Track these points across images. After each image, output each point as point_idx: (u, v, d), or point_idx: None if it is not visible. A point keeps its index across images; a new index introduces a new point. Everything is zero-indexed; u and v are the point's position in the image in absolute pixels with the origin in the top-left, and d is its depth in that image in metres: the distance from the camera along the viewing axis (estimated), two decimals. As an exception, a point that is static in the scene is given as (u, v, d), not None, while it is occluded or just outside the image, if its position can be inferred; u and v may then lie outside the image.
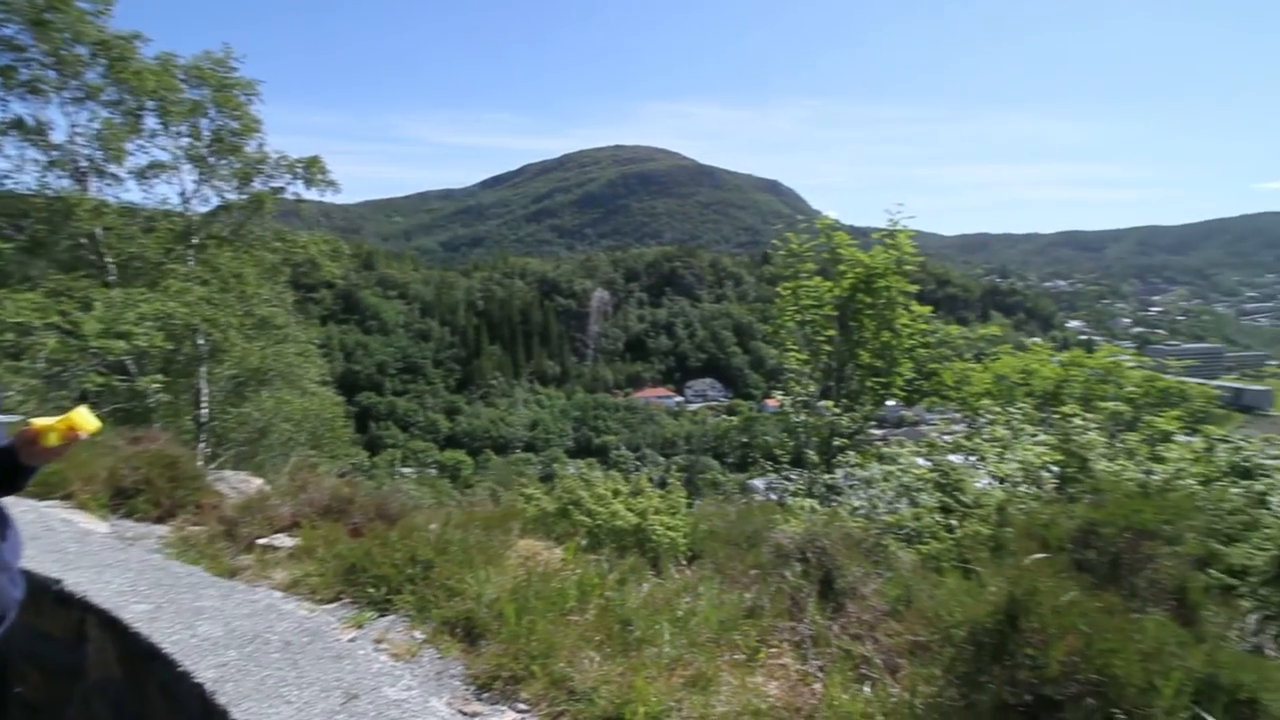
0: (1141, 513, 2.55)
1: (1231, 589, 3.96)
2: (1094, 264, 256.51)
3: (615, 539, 4.70)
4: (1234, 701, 2.47)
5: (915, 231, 9.40)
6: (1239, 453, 7.32)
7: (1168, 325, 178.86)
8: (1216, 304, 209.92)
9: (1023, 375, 12.64)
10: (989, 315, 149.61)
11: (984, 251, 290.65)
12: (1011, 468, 6.75)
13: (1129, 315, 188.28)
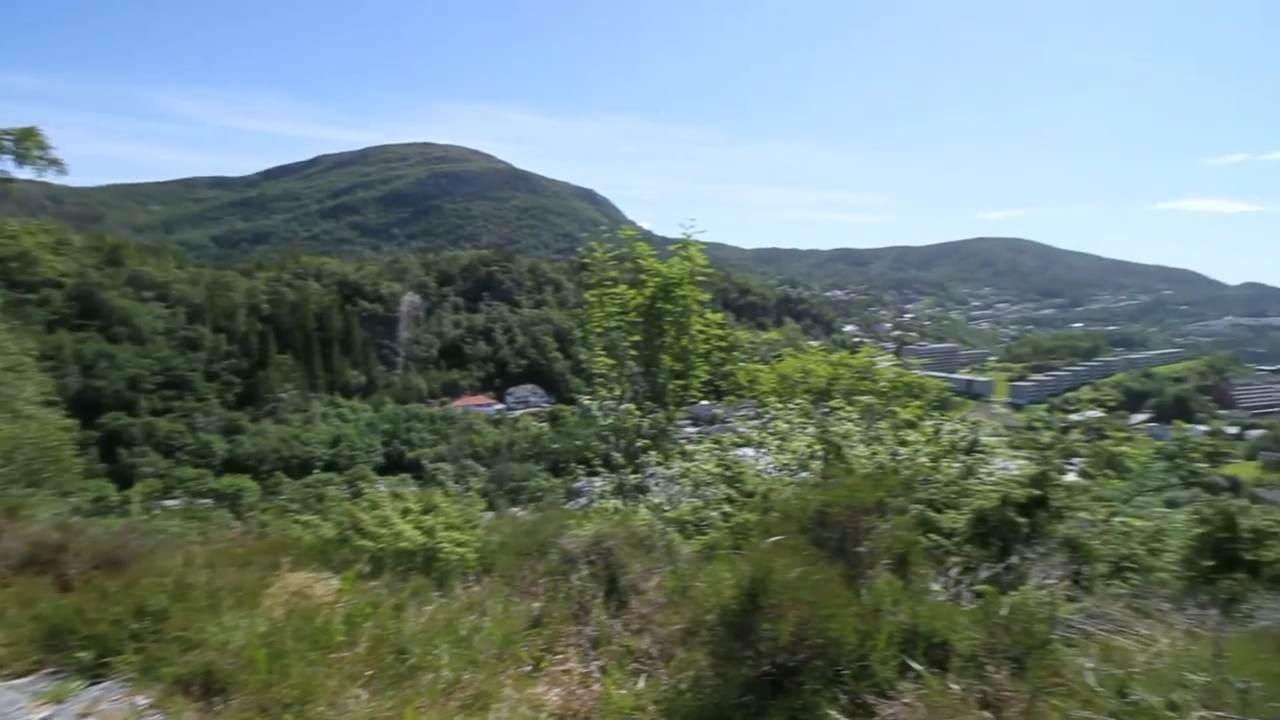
0: (860, 492, 2.95)
1: (945, 549, 4.75)
2: (862, 277, 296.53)
3: (401, 561, 4.44)
4: (931, 645, 2.95)
5: (719, 244, 10.19)
6: (956, 434, 8.82)
7: (918, 329, 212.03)
8: (953, 311, 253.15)
9: (802, 374, 14.18)
10: (783, 321, 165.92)
11: (777, 264, 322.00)
12: (788, 458, 7.52)
13: (889, 321, 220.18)
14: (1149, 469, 11.54)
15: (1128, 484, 12.41)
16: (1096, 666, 2.67)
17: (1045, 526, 4.24)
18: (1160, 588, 4.65)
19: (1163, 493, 21.36)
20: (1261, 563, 4.38)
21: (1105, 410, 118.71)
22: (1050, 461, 4.76)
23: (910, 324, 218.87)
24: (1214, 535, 4.43)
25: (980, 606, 3.18)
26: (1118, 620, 3.50)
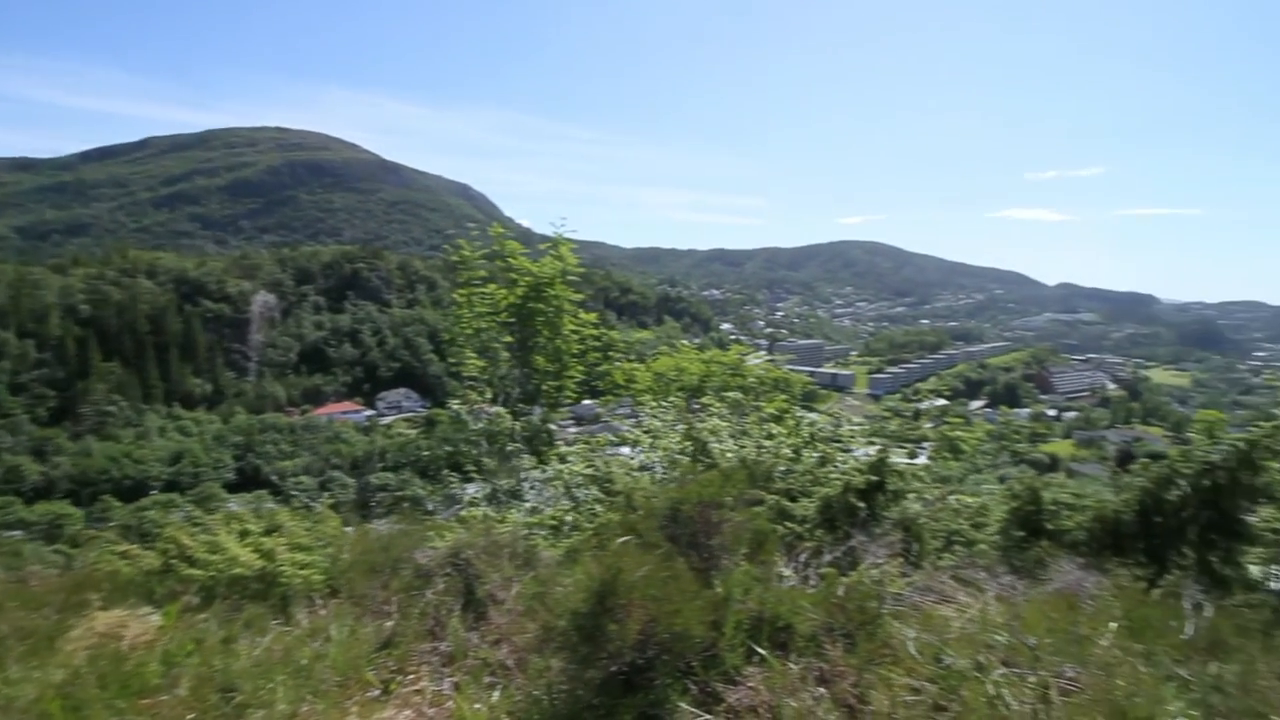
0: (710, 487, 3.05)
1: (799, 535, 5.03)
2: (737, 276, 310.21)
3: (235, 590, 4.04)
4: (776, 629, 3.10)
5: (600, 243, 10.21)
6: (815, 425, 9.38)
7: (789, 326, 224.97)
8: (819, 309, 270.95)
9: (676, 372, 14.56)
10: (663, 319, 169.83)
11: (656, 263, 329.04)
12: (659, 455, 7.67)
13: (763, 319, 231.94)
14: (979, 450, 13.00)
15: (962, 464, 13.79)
16: (917, 636, 2.93)
17: (883, 509, 4.61)
18: (981, 559, 5.20)
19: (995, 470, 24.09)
20: (1060, 530, 5.03)
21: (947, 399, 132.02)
22: (887, 449, 5.19)
23: (781, 321, 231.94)
24: (1023, 508, 5.03)
25: (821, 588, 3.40)
26: (942, 591, 3.88)
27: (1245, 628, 3.16)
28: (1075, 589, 3.78)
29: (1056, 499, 4.85)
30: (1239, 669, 2.78)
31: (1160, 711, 2.41)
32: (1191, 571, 4.68)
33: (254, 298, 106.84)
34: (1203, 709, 2.53)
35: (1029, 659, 2.67)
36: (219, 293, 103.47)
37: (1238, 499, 4.32)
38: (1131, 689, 2.53)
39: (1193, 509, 4.53)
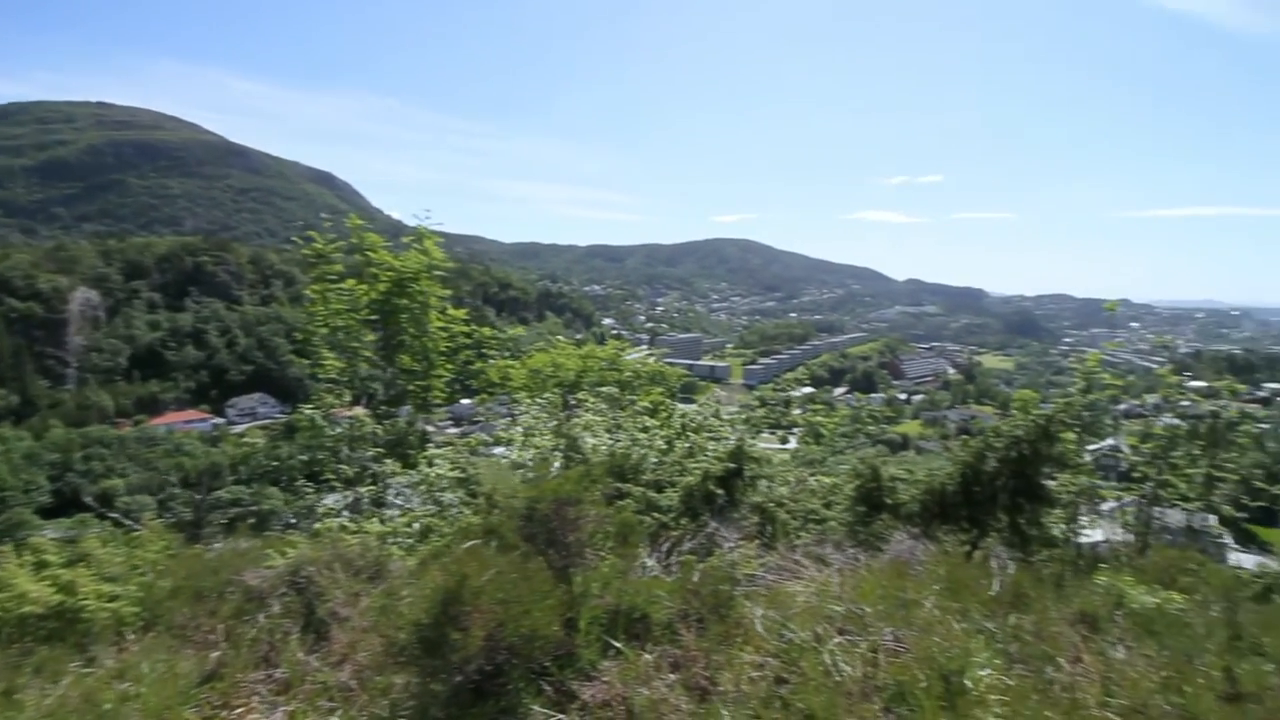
0: (565, 485, 3.02)
1: (665, 525, 5.12)
2: (618, 272, 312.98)
3: (26, 631, 3.49)
4: (632, 621, 3.12)
5: (478, 237, 9.78)
6: (686, 416, 9.62)
7: (668, 320, 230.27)
8: (697, 304, 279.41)
9: (553, 368, 14.40)
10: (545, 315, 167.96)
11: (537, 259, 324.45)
12: (531, 454, 7.53)
13: (643, 313, 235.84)
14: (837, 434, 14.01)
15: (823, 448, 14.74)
16: (765, 614, 3.07)
17: (741, 494, 4.81)
18: (831, 535, 5.57)
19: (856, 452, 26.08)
20: (898, 504, 5.48)
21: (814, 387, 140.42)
22: (744, 437, 5.42)
23: (661, 316, 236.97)
24: (865, 486, 5.43)
25: (679, 576, 3.48)
26: (793, 569, 4.10)
27: (1042, 581, 3.60)
28: (907, 557, 4.13)
29: (893, 474, 5.28)
30: (1035, 618, 3.17)
31: (969, 663, 2.67)
32: (1005, 533, 5.28)
33: (72, 295, 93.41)
34: (1004, 657, 2.84)
35: (860, 626, 2.87)
36: (27, 289, 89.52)
37: (1039, 467, 4.93)
38: (946, 645, 2.80)
39: (1004, 478, 5.10)
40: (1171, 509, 6.66)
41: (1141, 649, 3.05)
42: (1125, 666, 2.84)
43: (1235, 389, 6.54)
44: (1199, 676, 2.65)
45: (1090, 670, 2.81)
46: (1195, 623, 3.37)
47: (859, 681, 2.55)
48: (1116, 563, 5.32)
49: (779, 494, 7.52)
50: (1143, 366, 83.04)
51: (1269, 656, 2.87)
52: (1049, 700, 2.41)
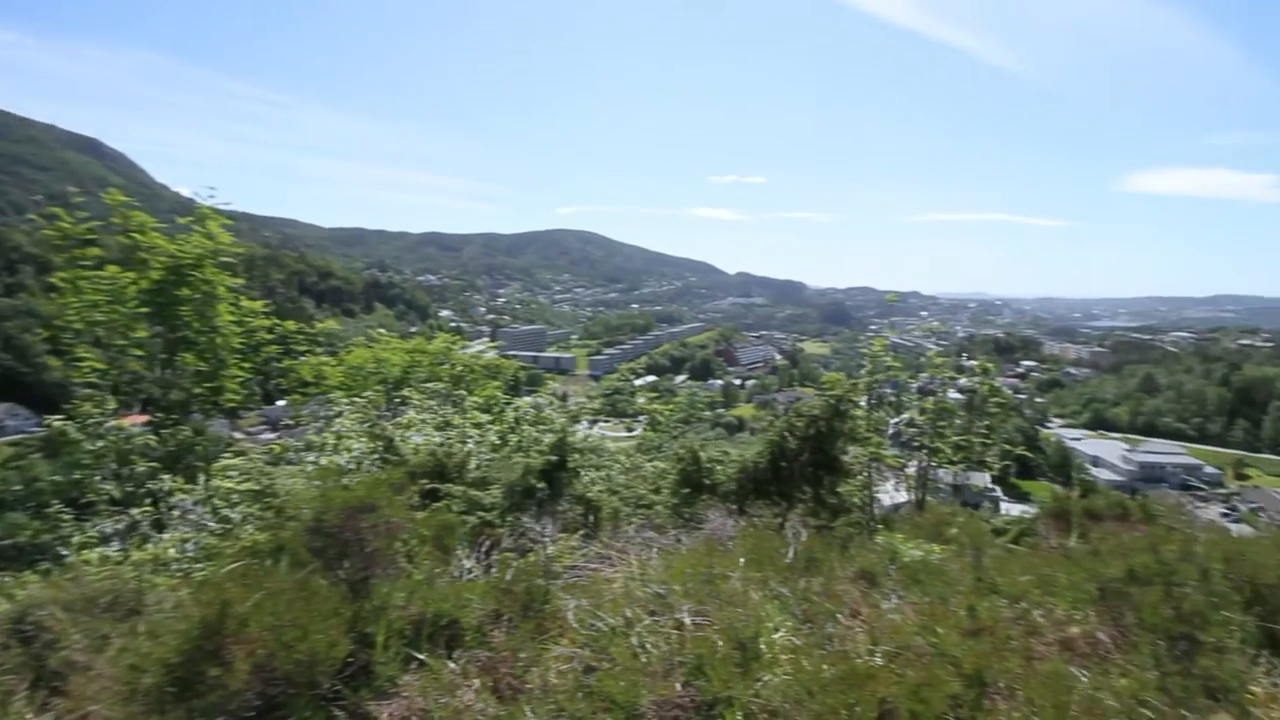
0: (358, 491, 2.78)
1: (490, 523, 4.95)
2: (455, 262, 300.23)
3: None
4: (440, 628, 2.96)
5: (292, 220, 8.70)
6: (519, 410, 9.42)
7: (510, 312, 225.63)
8: (540, 295, 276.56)
9: (376, 364, 13.45)
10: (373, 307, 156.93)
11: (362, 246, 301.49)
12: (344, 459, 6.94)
13: (484, 305, 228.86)
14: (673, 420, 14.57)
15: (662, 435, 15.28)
16: (578, 604, 3.06)
17: (566, 486, 4.78)
18: (657, 518, 5.74)
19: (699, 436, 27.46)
20: (716, 484, 5.77)
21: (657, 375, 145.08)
22: (566, 429, 5.41)
23: (503, 308, 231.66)
24: (686, 469, 5.65)
25: (493, 576, 3.37)
26: (615, 556, 4.15)
27: (831, 545, 3.97)
28: (720, 534, 4.36)
29: (711, 457, 5.56)
30: (823, 579, 3.47)
31: (763, 628, 2.86)
32: (809, 504, 5.77)
33: None
34: (795, 618, 3.08)
35: (665, 606, 2.96)
36: None
37: (834, 442, 5.44)
38: (745, 614, 2.97)
39: (806, 453, 5.58)
40: (946, 471, 7.71)
41: (908, 597, 3.47)
42: (894, 614, 3.21)
43: (986, 367, 7.69)
44: (949, 616, 3.06)
45: (866, 621, 3.13)
46: (951, 570, 3.90)
47: (663, 660, 2.62)
48: (898, 522, 6.06)
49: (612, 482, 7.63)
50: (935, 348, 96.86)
51: (1003, 593, 3.38)
52: (828, 653, 2.64)
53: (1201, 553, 3.36)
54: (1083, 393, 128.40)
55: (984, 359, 8.42)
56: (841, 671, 2.40)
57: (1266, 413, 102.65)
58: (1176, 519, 5.66)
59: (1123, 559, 3.17)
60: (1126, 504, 6.87)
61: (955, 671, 2.55)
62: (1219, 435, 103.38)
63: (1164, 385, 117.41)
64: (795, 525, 3.96)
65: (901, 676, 2.40)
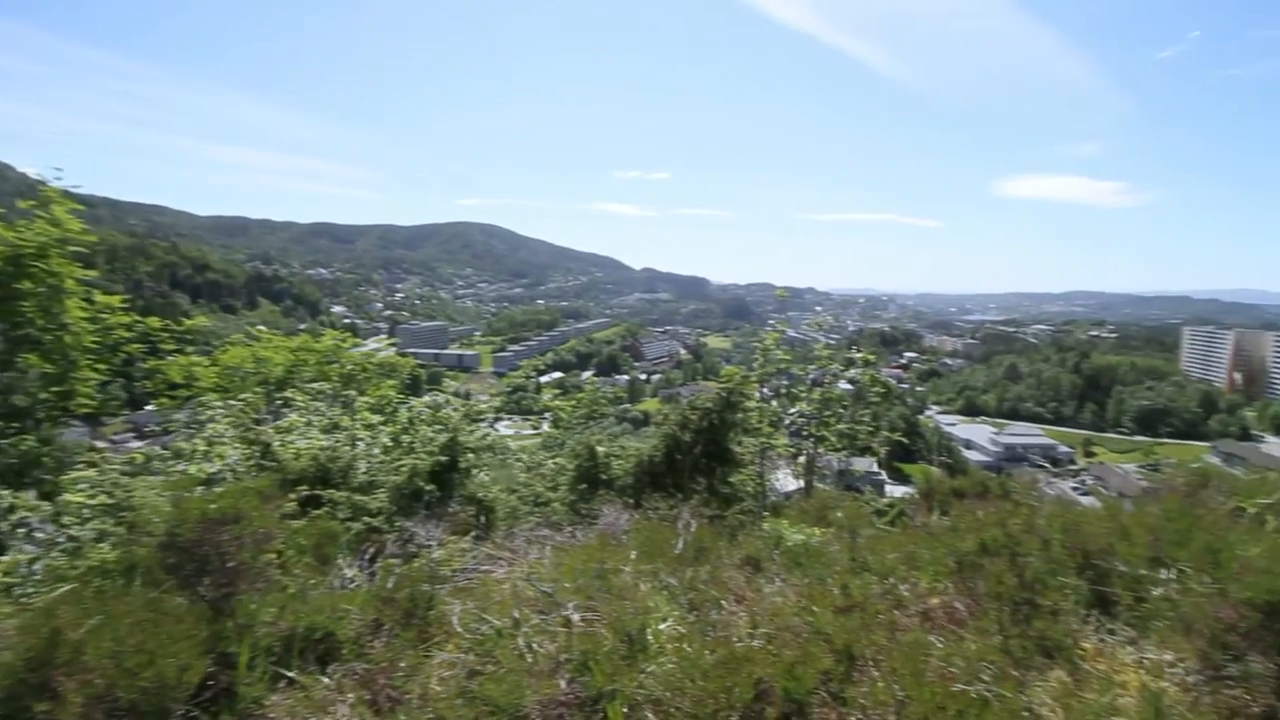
0: (217, 501, 2.58)
1: (377, 529, 4.73)
2: (348, 255, 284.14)
3: None
4: (314, 643, 2.81)
5: (162, 208, 7.79)
6: (413, 410, 9.07)
7: (409, 308, 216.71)
8: (441, 290, 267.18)
9: (255, 364, 12.53)
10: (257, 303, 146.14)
11: (244, 236, 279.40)
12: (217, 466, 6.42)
13: (380, 300, 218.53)
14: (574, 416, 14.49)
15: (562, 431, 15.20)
16: (464, 608, 2.99)
17: (457, 488, 4.65)
18: (554, 515, 5.70)
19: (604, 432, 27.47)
20: (613, 479, 5.81)
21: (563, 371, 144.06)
22: (458, 429, 5.27)
23: (402, 303, 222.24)
24: (583, 465, 5.65)
25: (374, 584, 3.23)
26: (507, 556, 4.09)
27: (720, 534, 4.10)
28: (614, 528, 4.40)
29: (608, 452, 5.59)
30: (710, 568, 3.58)
31: (651, 619, 2.91)
32: (704, 494, 5.93)
33: None
34: (682, 607, 3.16)
35: (553, 605, 2.95)
36: None
37: (726, 433, 5.61)
38: (634, 606, 3.01)
39: (700, 445, 5.72)
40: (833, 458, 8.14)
41: (790, 580, 3.64)
42: (776, 597, 3.36)
43: (868, 359, 8.19)
44: (825, 596, 3.23)
45: (750, 605, 3.26)
46: (831, 551, 4.13)
47: (550, 659, 2.61)
48: (788, 509, 6.34)
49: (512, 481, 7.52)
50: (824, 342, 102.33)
51: (873, 571, 3.62)
52: (711, 639, 2.73)
53: (1043, 524, 3.74)
54: (957, 381, 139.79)
55: (870, 351, 8.98)
56: (721, 656, 2.48)
57: (1110, 396, 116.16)
58: (1028, 495, 6.28)
59: (976, 533, 3.47)
60: (988, 483, 7.53)
61: (828, 648, 2.70)
62: (1071, 417, 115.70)
63: (1025, 373, 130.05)
64: (685, 516, 4.05)
65: (778, 656, 2.52)
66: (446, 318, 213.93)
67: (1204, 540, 3.45)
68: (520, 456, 10.61)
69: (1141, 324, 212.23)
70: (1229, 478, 5.25)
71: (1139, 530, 3.76)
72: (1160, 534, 3.65)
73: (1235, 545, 3.35)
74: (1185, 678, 2.87)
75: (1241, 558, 3.18)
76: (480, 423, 12.82)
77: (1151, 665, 2.92)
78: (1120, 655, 3.00)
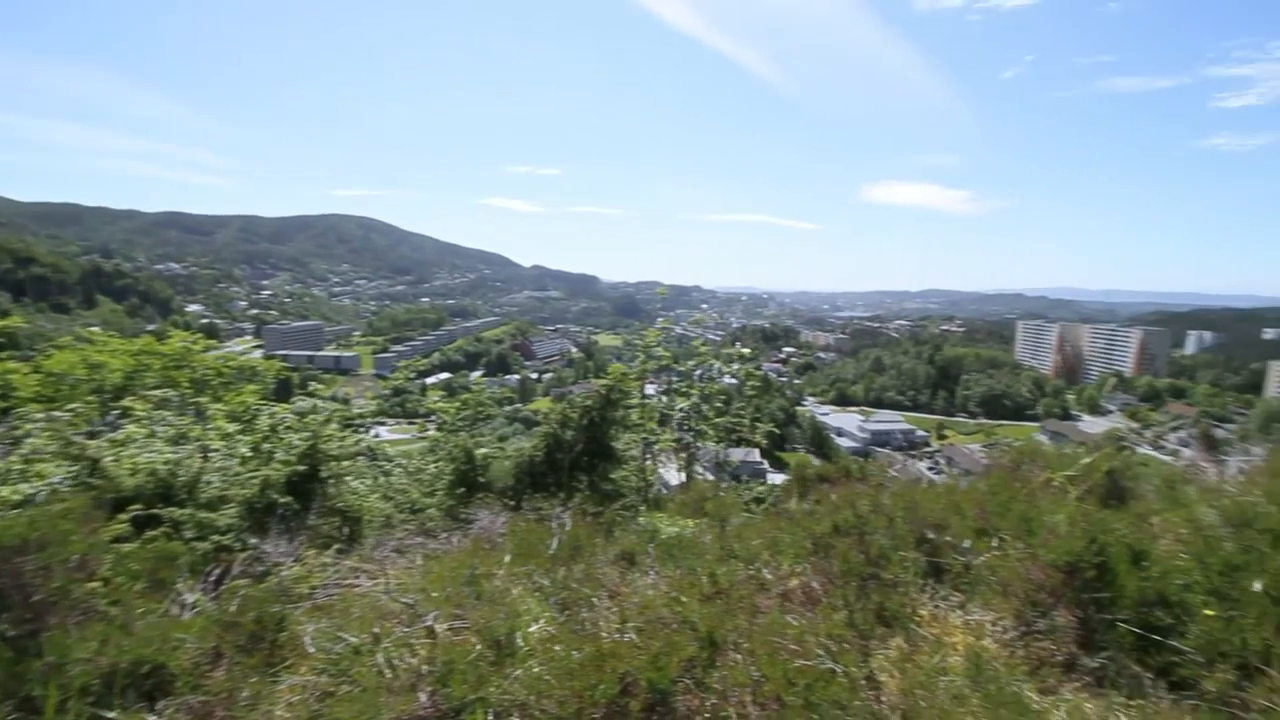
0: (12, 529, 2.26)
1: (226, 548, 4.35)
2: (204, 248, 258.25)
3: None
4: (142, 677, 2.54)
5: None
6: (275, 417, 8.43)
7: (278, 307, 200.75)
8: (314, 288, 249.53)
9: (89, 370, 11.13)
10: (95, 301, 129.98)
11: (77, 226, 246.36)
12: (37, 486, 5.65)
13: (244, 299, 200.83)
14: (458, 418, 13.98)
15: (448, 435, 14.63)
16: (318, 627, 2.81)
17: (320, 499, 4.37)
18: (429, 522, 5.50)
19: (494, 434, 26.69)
20: (491, 481, 5.68)
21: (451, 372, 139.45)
22: (317, 436, 4.96)
23: (269, 302, 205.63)
24: (460, 468, 5.49)
25: (216, 608, 2.97)
26: (372, 569, 3.89)
27: (596, 531, 4.13)
28: (490, 531, 4.31)
29: (488, 454, 5.47)
30: (584, 566, 3.60)
31: (521, 623, 2.88)
32: (587, 492, 5.94)
33: None
34: (555, 607, 3.15)
35: (417, 616, 2.85)
36: None
37: (606, 430, 5.66)
38: (504, 610, 2.97)
39: (581, 443, 5.73)
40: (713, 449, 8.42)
41: (663, 572, 3.73)
42: (649, 590, 3.43)
43: (743, 354, 8.55)
44: (694, 585, 3.35)
45: (623, 600, 3.31)
46: (703, 541, 4.27)
47: (411, 672, 2.52)
48: (669, 502, 6.49)
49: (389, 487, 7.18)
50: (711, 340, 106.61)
51: (740, 557, 3.79)
52: (580, 637, 2.74)
53: (889, 503, 4.08)
54: (830, 374, 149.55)
55: (754, 347, 9.40)
56: (589, 654, 2.50)
57: (959, 385, 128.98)
58: (882, 477, 6.82)
59: (831, 516, 3.72)
60: (850, 467, 8.11)
61: (693, 636, 2.79)
62: (927, 404, 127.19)
63: (889, 365, 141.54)
64: (560, 515, 4.04)
65: (644, 648, 2.57)
66: (321, 317, 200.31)
67: (1020, 510, 3.90)
68: (400, 462, 10.19)
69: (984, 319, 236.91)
70: (1046, 454, 5.97)
71: (969, 504, 4.19)
72: (986, 507, 4.09)
73: (1044, 513, 3.82)
74: (1003, 635, 3.24)
75: (1048, 524, 3.63)
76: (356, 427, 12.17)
77: (976, 626, 3.27)
78: (952, 619, 3.33)
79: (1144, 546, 3.24)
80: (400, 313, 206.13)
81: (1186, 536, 3.58)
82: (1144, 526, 3.77)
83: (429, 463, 9.71)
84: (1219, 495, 3.98)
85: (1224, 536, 3.41)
